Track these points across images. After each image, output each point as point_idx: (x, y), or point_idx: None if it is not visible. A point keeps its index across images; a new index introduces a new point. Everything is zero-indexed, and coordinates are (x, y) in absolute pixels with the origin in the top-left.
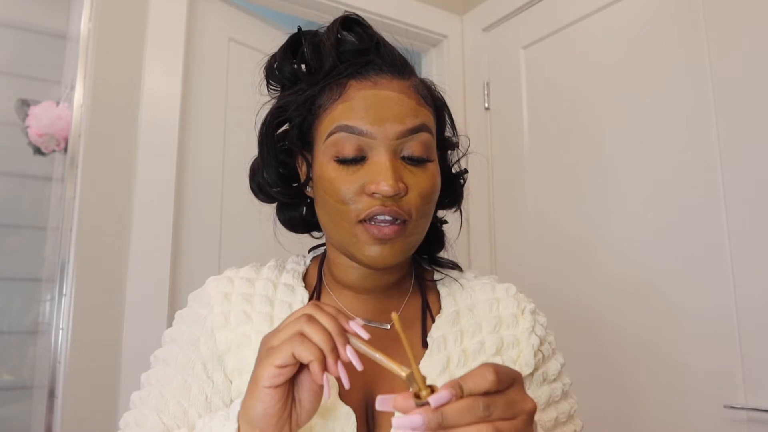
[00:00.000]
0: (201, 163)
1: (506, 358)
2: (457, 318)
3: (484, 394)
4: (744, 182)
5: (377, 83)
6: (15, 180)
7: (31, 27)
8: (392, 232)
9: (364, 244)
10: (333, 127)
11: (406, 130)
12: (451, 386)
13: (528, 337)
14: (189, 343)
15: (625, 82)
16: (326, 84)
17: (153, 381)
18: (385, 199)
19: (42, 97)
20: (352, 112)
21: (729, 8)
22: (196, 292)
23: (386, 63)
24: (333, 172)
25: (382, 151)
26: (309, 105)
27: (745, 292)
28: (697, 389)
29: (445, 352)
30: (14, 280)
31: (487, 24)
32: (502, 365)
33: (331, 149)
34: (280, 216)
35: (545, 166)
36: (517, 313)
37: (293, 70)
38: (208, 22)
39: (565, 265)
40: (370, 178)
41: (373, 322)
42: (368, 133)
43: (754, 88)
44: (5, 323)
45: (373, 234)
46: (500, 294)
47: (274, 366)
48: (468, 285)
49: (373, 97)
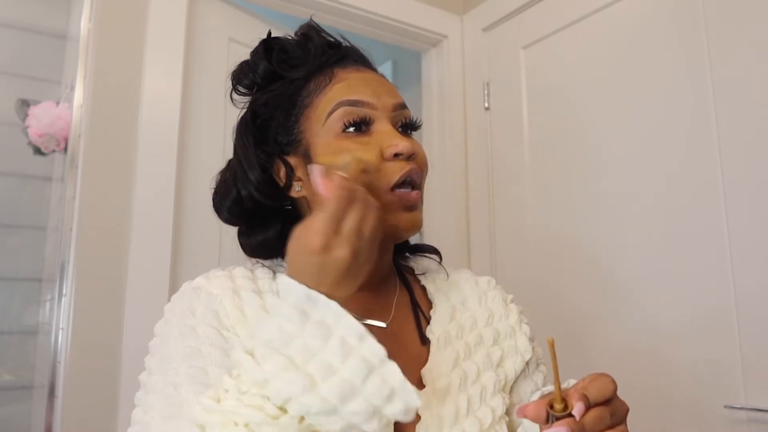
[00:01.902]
0: (201, 163)
1: (505, 346)
2: (453, 313)
3: (604, 403)
4: (744, 182)
5: (359, 69)
6: (15, 180)
7: (31, 27)
8: (416, 197)
9: (396, 211)
10: (334, 104)
11: (399, 104)
12: (581, 398)
13: (520, 326)
14: (205, 333)
15: (625, 82)
16: (310, 74)
17: (154, 389)
18: (406, 161)
19: (42, 97)
20: (351, 88)
21: (729, 8)
22: (188, 293)
23: (357, 56)
24: (348, 144)
25: (384, 121)
26: (294, 97)
27: (745, 292)
28: (697, 389)
29: (451, 347)
30: (14, 280)
31: (487, 24)
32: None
33: (336, 125)
34: (248, 241)
35: (545, 166)
36: (504, 305)
37: (269, 69)
38: (208, 22)
39: (565, 265)
40: (385, 143)
41: (370, 320)
42: (370, 104)
43: (754, 88)
44: (5, 323)
45: (404, 201)
46: (484, 287)
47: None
48: (451, 279)
49: (363, 77)
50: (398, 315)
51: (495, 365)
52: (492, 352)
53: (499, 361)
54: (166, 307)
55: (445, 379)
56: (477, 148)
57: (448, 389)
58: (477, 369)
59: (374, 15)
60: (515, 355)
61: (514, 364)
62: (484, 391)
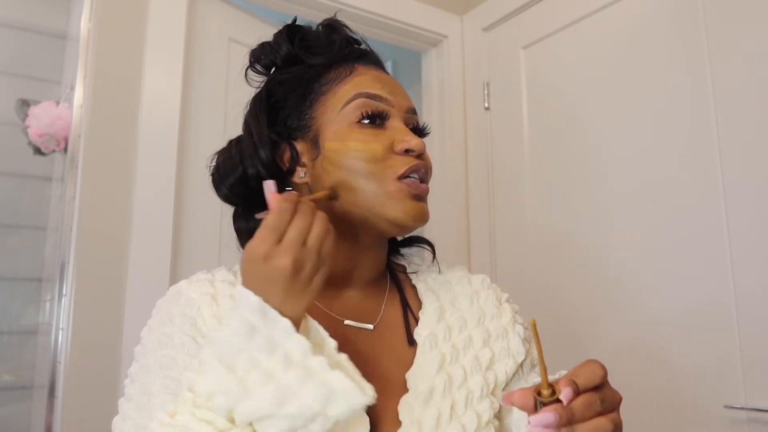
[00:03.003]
0: (201, 163)
1: (496, 348)
2: (441, 314)
3: (593, 389)
4: (744, 182)
5: (377, 69)
6: (15, 180)
7: (31, 27)
8: (425, 190)
9: (404, 199)
10: (353, 94)
11: (411, 108)
12: (569, 383)
13: (513, 326)
14: (182, 346)
15: (625, 82)
16: (333, 63)
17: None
18: (415, 158)
19: (42, 97)
20: (371, 83)
21: (729, 8)
22: (170, 297)
23: (376, 59)
24: (359, 133)
25: (399, 120)
26: (311, 83)
27: (745, 292)
28: (697, 389)
29: (437, 349)
30: (14, 280)
31: (487, 24)
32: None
33: (353, 114)
34: (245, 225)
35: (545, 166)
36: (497, 305)
37: (291, 52)
38: (208, 22)
39: (566, 265)
40: (397, 138)
41: (355, 323)
42: (388, 100)
43: (754, 88)
44: (5, 323)
45: (412, 189)
46: (477, 286)
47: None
48: (443, 278)
49: (382, 76)
50: (388, 315)
51: (484, 368)
52: (481, 355)
53: (489, 363)
54: (153, 311)
55: (428, 382)
56: (477, 148)
57: (431, 393)
58: (464, 372)
59: (374, 15)
60: (507, 357)
61: (505, 366)
62: (470, 396)
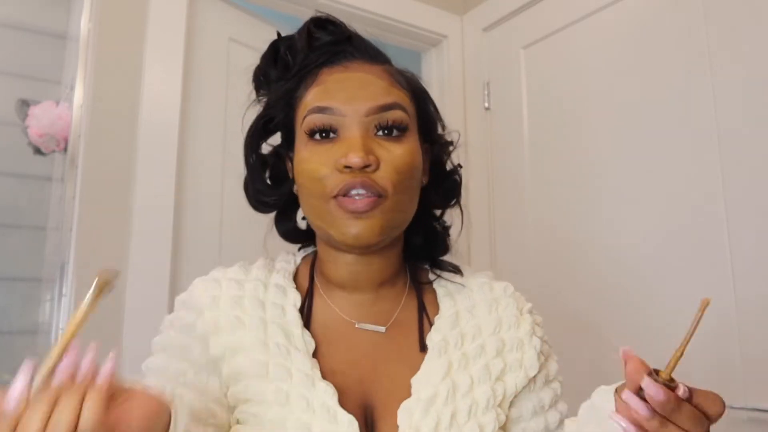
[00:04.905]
0: (201, 163)
1: (509, 359)
2: (456, 320)
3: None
4: (745, 183)
5: (348, 67)
6: (15, 180)
7: (31, 27)
8: (366, 205)
9: (341, 220)
10: (306, 111)
11: (377, 107)
12: (686, 389)
13: (530, 339)
14: (180, 351)
15: (625, 82)
16: (301, 76)
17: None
18: (357, 172)
19: (42, 97)
20: (324, 93)
21: (729, 8)
22: (183, 297)
23: (358, 51)
24: (307, 152)
25: (353, 128)
26: (288, 99)
27: (745, 293)
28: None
29: (446, 356)
30: (14, 280)
31: (487, 24)
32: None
33: (306, 130)
34: (279, 229)
35: (545, 166)
36: (517, 314)
37: (273, 72)
38: (208, 22)
39: (565, 265)
40: (341, 152)
41: (367, 325)
42: (338, 111)
43: (754, 88)
44: (5, 323)
45: (347, 208)
46: (498, 294)
47: None
48: (466, 284)
49: (344, 79)
50: (402, 318)
51: (493, 378)
52: (492, 365)
53: (500, 374)
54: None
55: (432, 389)
56: (477, 148)
57: (433, 400)
58: (470, 381)
59: (374, 15)
60: (519, 369)
61: (515, 379)
62: (475, 406)
